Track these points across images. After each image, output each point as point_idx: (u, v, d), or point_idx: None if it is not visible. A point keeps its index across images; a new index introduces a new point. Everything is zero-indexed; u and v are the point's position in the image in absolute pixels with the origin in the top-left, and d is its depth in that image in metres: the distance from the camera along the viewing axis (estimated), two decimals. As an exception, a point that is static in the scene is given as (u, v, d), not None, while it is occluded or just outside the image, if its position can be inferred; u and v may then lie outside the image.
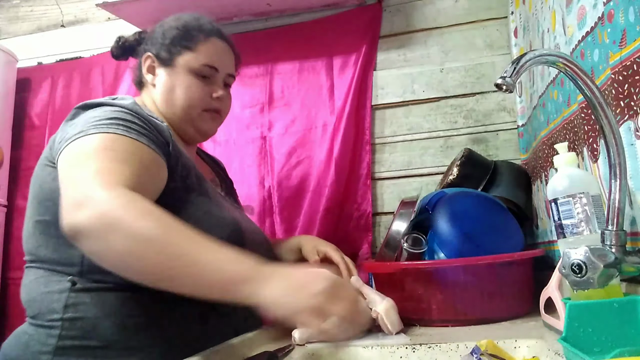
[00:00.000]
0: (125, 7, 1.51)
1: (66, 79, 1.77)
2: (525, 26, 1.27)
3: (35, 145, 1.74)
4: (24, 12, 1.90)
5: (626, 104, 0.63)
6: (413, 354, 0.70)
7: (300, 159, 1.54)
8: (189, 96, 0.94)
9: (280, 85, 1.60)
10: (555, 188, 0.69)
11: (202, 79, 0.96)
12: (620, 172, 0.57)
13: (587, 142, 0.78)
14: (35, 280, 0.81)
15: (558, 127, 0.95)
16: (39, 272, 0.82)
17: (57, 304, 0.77)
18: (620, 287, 0.53)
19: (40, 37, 1.87)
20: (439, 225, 0.94)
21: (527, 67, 0.57)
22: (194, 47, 0.95)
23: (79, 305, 0.77)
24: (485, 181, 1.21)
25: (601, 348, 0.48)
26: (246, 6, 1.57)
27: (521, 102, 1.37)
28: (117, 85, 1.70)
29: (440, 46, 1.54)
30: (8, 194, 1.69)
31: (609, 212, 0.57)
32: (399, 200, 1.50)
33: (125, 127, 0.77)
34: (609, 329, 0.48)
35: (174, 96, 0.94)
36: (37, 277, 0.82)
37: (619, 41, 0.63)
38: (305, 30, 1.60)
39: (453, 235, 0.91)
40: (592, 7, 0.72)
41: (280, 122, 1.58)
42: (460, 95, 1.49)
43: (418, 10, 1.56)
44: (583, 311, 0.49)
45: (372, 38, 1.56)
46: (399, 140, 1.53)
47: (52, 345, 0.75)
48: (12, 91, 1.73)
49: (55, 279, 0.80)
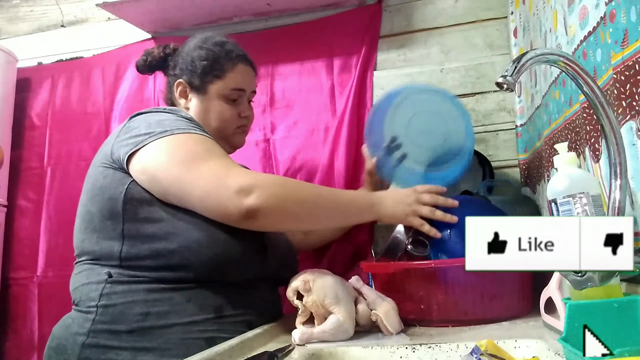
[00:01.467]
0: (125, 7, 1.51)
1: (66, 79, 1.76)
2: (526, 26, 1.27)
3: (35, 145, 1.74)
4: (24, 12, 1.90)
5: (628, 104, 0.63)
6: (413, 354, 0.70)
7: (304, 161, 1.53)
8: (222, 119, 1.08)
9: (281, 86, 1.60)
10: (555, 188, 0.69)
11: (231, 102, 1.09)
12: (620, 171, 0.57)
13: (589, 142, 0.78)
14: (79, 274, 0.93)
15: (560, 127, 0.95)
16: (84, 266, 0.93)
17: (95, 293, 0.88)
18: (621, 287, 0.53)
19: (40, 37, 1.86)
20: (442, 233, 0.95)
21: (528, 66, 0.57)
22: (223, 75, 1.07)
23: (111, 295, 0.87)
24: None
25: (602, 348, 0.48)
26: (246, 6, 1.57)
27: (520, 102, 1.37)
28: (118, 86, 1.70)
29: (440, 46, 1.54)
30: (8, 194, 1.69)
31: (609, 211, 0.57)
32: (399, 201, 1.51)
33: (200, 128, 0.95)
34: (609, 329, 0.48)
35: (208, 120, 1.07)
36: (82, 270, 0.93)
37: (621, 41, 0.63)
38: (305, 30, 1.60)
39: (455, 242, 0.92)
40: (594, 7, 0.72)
41: (282, 124, 1.58)
42: (460, 95, 1.49)
43: (418, 10, 1.56)
44: (583, 311, 0.49)
45: (372, 38, 1.56)
46: (399, 141, 1.52)
47: (87, 328, 0.86)
48: (12, 91, 1.73)
49: (96, 271, 0.90)
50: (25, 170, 1.74)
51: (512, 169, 1.41)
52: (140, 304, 0.86)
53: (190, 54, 1.09)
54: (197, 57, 1.07)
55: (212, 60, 1.07)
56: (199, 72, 1.07)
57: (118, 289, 0.88)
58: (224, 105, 1.08)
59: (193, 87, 1.08)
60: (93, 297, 0.88)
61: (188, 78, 1.08)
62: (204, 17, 1.61)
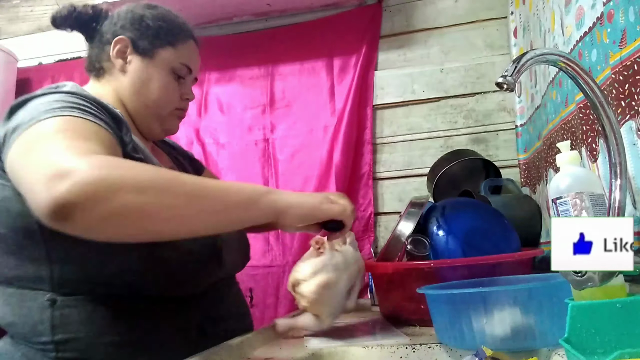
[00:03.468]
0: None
1: (66, 79, 1.76)
2: (525, 26, 1.27)
3: (35, 145, 1.74)
4: (24, 12, 1.90)
5: (627, 104, 0.63)
6: (413, 354, 0.70)
7: (302, 160, 1.54)
8: (164, 94, 0.91)
9: (281, 86, 1.60)
10: (557, 187, 0.69)
11: (177, 79, 0.93)
12: (620, 171, 0.56)
13: (586, 142, 0.78)
14: (5, 302, 0.74)
15: (556, 127, 0.95)
16: (9, 290, 0.74)
17: (42, 326, 0.71)
18: (625, 288, 0.53)
19: (40, 37, 1.87)
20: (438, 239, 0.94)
21: (528, 66, 0.57)
22: (177, 44, 0.92)
23: (67, 326, 0.71)
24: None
25: (604, 349, 0.47)
26: (246, 6, 1.57)
27: (520, 102, 1.37)
28: (117, 86, 1.70)
29: (440, 46, 1.54)
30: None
31: (609, 211, 0.57)
32: (399, 201, 1.51)
33: (80, 110, 0.70)
34: (612, 330, 0.48)
35: (148, 89, 0.90)
36: (7, 297, 0.74)
37: (619, 41, 0.63)
38: (305, 30, 1.60)
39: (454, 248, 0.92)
40: (591, 8, 0.72)
41: (282, 124, 1.58)
42: (460, 95, 1.49)
43: (418, 10, 1.56)
44: (585, 312, 0.49)
45: (372, 38, 1.56)
46: (399, 140, 1.53)
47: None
48: (12, 91, 1.73)
49: (29, 297, 0.73)
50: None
51: (512, 169, 1.41)
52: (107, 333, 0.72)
53: (137, 12, 0.92)
54: (149, 16, 0.91)
55: (168, 24, 0.92)
56: (150, 33, 0.90)
57: (73, 317, 0.71)
58: (169, 78, 0.91)
59: (138, 48, 0.90)
60: (42, 332, 0.71)
61: (133, 36, 0.90)
62: (204, 17, 1.61)
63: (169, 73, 0.92)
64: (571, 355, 0.48)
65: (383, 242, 1.47)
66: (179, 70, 0.93)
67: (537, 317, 0.61)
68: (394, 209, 1.51)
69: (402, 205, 1.43)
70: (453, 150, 1.40)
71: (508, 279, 0.78)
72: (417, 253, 0.93)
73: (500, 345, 0.60)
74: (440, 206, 1.01)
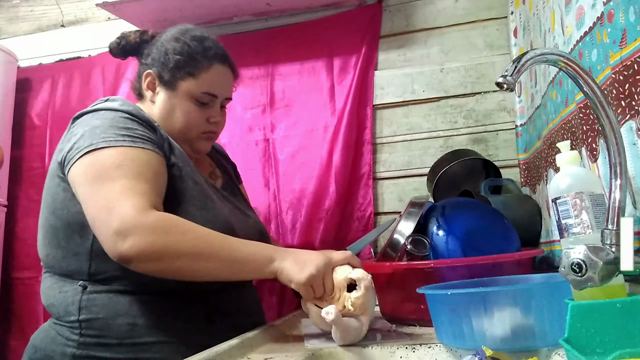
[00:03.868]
0: (125, 7, 1.51)
1: (66, 79, 1.77)
2: (526, 26, 1.27)
3: (35, 145, 1.74)
4: (24, 12, 1.90)
5: (627, 104, 0.63)
6: (413, 354, 0.70)
7: (303, 160, 1.54)
8: (187, 121, 0.99)
9: (281, 86, 1.60)
10: (557, 187, 0.69)
11: (200, 105, 0.99)
12: (620, 171, 0.56)
13: (586, 142, 0.78)
14: (50, 287, 0.91)
15: (556, 127, 0.95)
16: (54, 278, 0.91)
17: (72, 307, 0.86)
18: (625, 288, 0.53)
19: (40, 37, 1.87)
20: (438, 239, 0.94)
21: (528, 66, 0.57)
22: (197, 74, 0.98)
23: (91, 307, 0.86)
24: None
25: (604, 349, 0.47)
26: (246, 6, 1.57)
27: (520, 102, 1.37)
28: (118, 85, 1.70)
29: (440, 46, 1.54)
30: (9, 194, 1.69)
31: (609, 211, 0.57)
32: (398, 200, 1.51)
33: (130, 137, 0.85)
34: (612, 329, 0.48)
35: (173, 118, 0.99)
36: (52, 283, 0.91)
37: (619, 41, 0.63)
38: (305, 30, 1.60)
39: (454, 248, 0.92)
40: (591, 7, 0.72)
41: (282, 124, 1.58)
42: (460, 95, 1.49)
43: (418, 10, 1.56)
44: (585, 312, 0.49)
45: (372, 38, 1.56)
46: (398, 140, 1.53)
47: (76, 340, 0.85)
48: (12, 91, 1.73)
49: (68, 284, 0.88)
50: (27, 170, 1.74)
51: (512, 169, 1.41)
52: (123, 315, 0.85)
53: (165, 45, 1.00)
54: (171, 49, 0.98)
55: (187, 56, 0.98)
56: (171, 66, 0.98)
57: (97, 301, 0.86)
58: (191, 107, 0.99)
59: (162, 80, 0.99)
60: (72, 312, 0.86)
61: (158, 70, 0.99)
62: (204, 17, 1.61)
63: (192, 102, 0.99)
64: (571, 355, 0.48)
65: (383, 242, 1.47)
66: (201, 99, 0.99)
67: (537, 317, 0.61)
68: (394, 208, 1.51)
69: (402, 205, 1.43)
70: (453, 150, 1.40)
71: (508, 279, 0.78)
72: (417, 253, 0.93)
73: (500, 345, 0.60)
74: (440, 206, 1.01)
